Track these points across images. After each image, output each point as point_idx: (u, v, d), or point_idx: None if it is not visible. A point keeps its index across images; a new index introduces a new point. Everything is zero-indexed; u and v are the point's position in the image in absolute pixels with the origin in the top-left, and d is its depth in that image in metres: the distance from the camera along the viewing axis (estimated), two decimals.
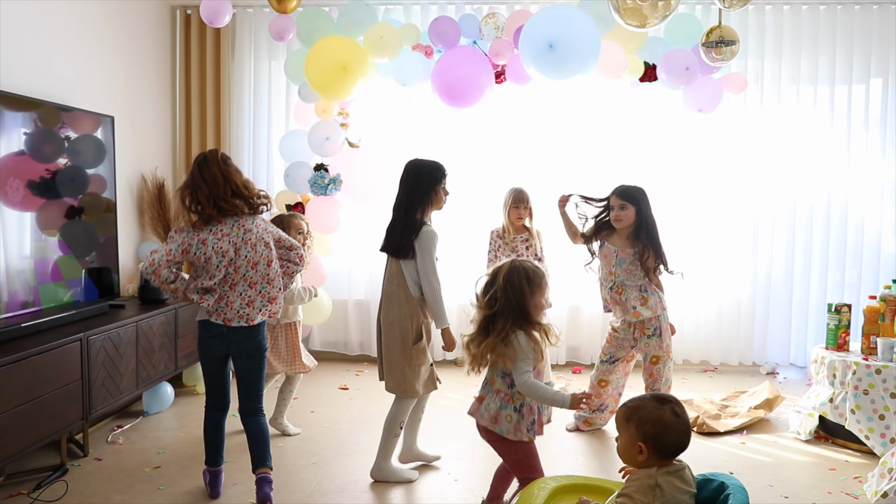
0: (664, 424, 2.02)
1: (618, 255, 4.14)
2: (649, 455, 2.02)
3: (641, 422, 2.03)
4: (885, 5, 5.64)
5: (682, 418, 2.05)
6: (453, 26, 5.16)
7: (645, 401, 2.09)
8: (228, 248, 3.17)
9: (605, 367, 4.29)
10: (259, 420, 3.40)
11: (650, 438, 2.01)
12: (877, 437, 3.86)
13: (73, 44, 4.57)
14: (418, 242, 3.54)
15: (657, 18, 3.30)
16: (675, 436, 2.02)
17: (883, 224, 5.78)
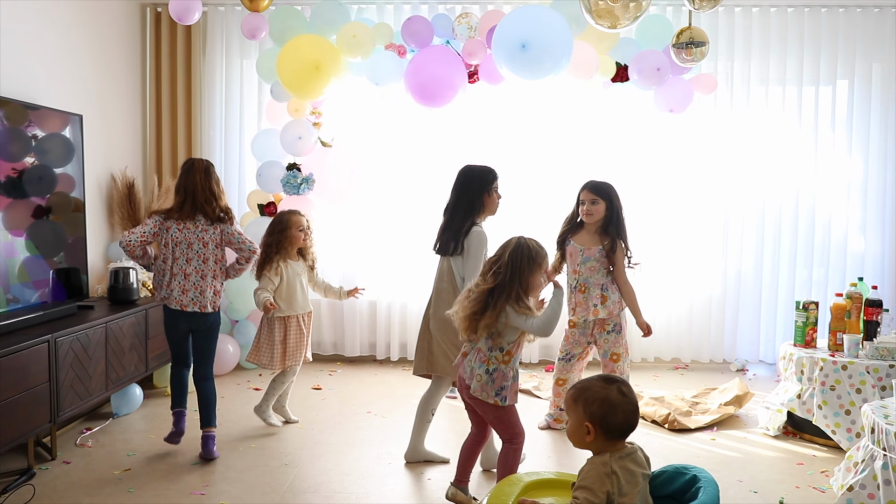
0: (611, 404, 2.01)
1: (583, 254, 4.16)
2: (597, 435, 2.01)
3: (588, 402, 2.03)
4: (850, 9, 5.74)
5: (629, 397, 2.04)
6: (426, 26, 5.16)
7: (592, 381, 2.08)
8: (182, 241, 3.79)
9: (562, 365, 4.30)
10: (207, 385, 3.92)
11: (597, 418, 2.00)
12: (843, 431, 3.92)
13: (40, 41, 4.50)
14: (467, 241, 3.64)
15: (628, 19, 3.34)
16: (623, 415, 2.01)
17: (849, 223, 5.89)
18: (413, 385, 5.32)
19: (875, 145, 5.82)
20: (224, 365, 5.45)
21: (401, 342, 6.03)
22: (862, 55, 5.78)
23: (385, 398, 4.96)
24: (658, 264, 5.89)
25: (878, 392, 3.87)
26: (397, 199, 5.95)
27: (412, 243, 5.85)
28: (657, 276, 5.90)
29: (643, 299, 5.87)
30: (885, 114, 5.80)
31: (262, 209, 5.40)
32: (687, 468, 2.13)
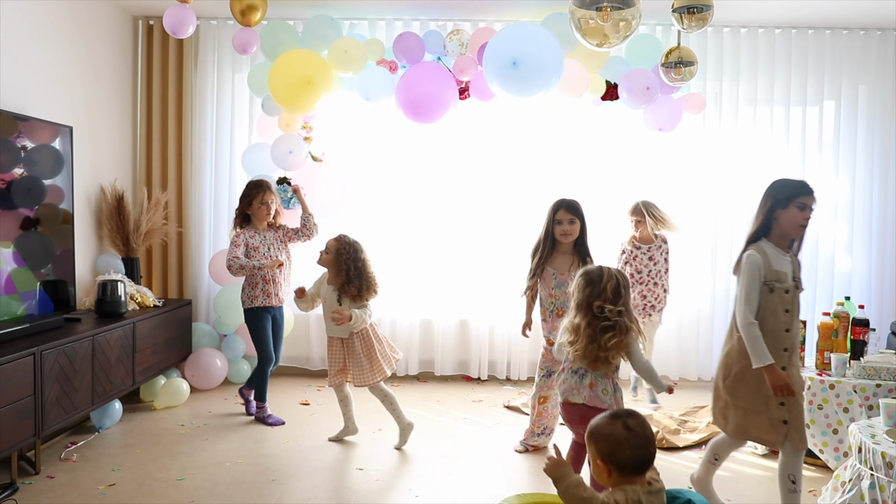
0: (616, 440, 1.99)
1: (556, 278, 4.05)
2: (611, 472, 2.00)
3: (597, 441, 2.02)
4: (836, 31, 5.82)
5: (636, 431, 2.00)
6: (418, 42, 5.19)
7: (598, 419, 2.07)
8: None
9: (543, 382, 4.21)
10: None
11: (607, 456, 1.99)
12: (830, 451, 3.93)
13: (31, 53, 4.49)
14: (741, 265, 3.31)
15: (618, 38, 3.35)
16: (630, 449, 1.98)
17: (836, 243, 5.93)
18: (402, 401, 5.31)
19: (861, 166, 5.88)
20: (213, 380, 5.42)
21: None
22: (848, 76, 5.85)
23: (373, 413, 4.94)
24: None
25: (865, 411, 3.89)
26: (387, 215, 5.95)
27: (402, 258, 5.86)
28: None
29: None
30: (870, 135, 5.86)
31: None
32: (680, 492, 2.11)
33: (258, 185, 4.74)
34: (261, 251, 4.72)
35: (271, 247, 4.78)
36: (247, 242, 4.68)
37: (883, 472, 2.94)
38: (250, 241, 4.69)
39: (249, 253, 4.67)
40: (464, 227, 5.90)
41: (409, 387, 5.77)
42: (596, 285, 3.08)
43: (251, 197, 4.72)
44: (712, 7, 3.88)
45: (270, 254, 4.74)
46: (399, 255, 5.88)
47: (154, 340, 4.90)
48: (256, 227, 4.78)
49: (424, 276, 5.93)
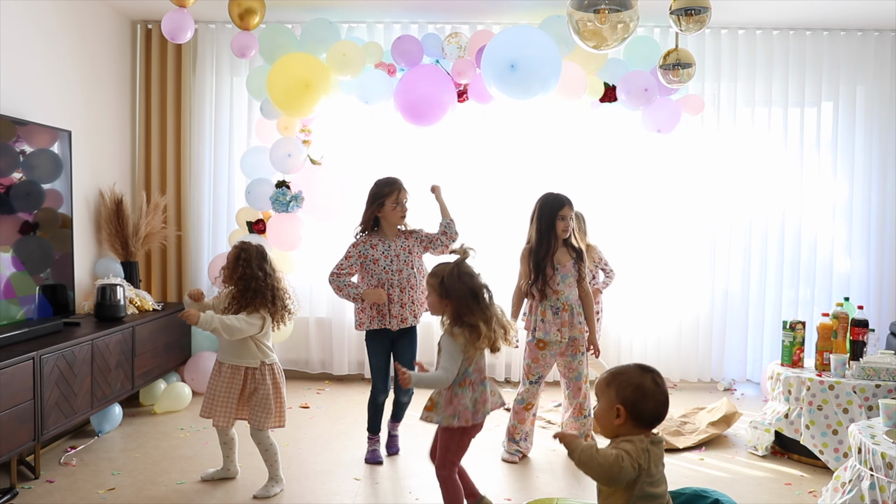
0: (644, 391, 2.04)
1: (560, 271, 4.06)
2: (626, 420, 2.04)
3: (622, 386, 2.06)
4: (834, 32, 5.83)
5: (662, 388, 2.08)
6: (416, 45, 5.20)
7: (628, 367, 2.12)
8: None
9: (534, 389, 4.15)
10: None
11: (629, 403, 2.04)
12: (830, 451, 3.94)
13: (29, 58, 4.50)
14: None
15: (616, 40, 3.36)
16: (654, 404, 2.05)
17: (835, 243, 5.94)
18: None
19: (859, 166, 5.89)
20: None
21: None
22: (846, 78, 5.86)
23: None
24: (646, 284, 5.92)
25: (864, 412, 3.89)
26: None
27: None
28: (646, 296, 5.93)
29: (632, 319, 5.95)
30: (868, 135, 5.87)
31: (250, 226, 5.39)
32: (707, 492, 2.13)
33: (391, 184, 4.04)
34: (381, 265, 3.97)
35: (396, 259, 3.98)
36: (364, 254, 3.99)
37: (883, 472, 2.94)
38: (370, 252, 3.98)
39: (368, 266, 3.98)
40: (463, 229, 5.88)
41: None
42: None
43: (383, 197, 4.01)
44: (710, 9, 3.88)
45: (393, 267, 3.96)
46: None
47: (153, 344, 4.90)
48: (385, 234, 4.05)
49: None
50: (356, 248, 4.01)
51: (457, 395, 2.98)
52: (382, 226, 4.06)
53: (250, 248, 3.62)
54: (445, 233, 4.12)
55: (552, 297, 4.06)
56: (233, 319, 3.49)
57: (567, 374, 4.16)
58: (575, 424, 4.20)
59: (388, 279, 3.95)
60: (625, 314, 5.95)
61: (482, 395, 3.04)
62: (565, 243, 4.12)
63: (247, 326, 3.53)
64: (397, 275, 3.95)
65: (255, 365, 3.63)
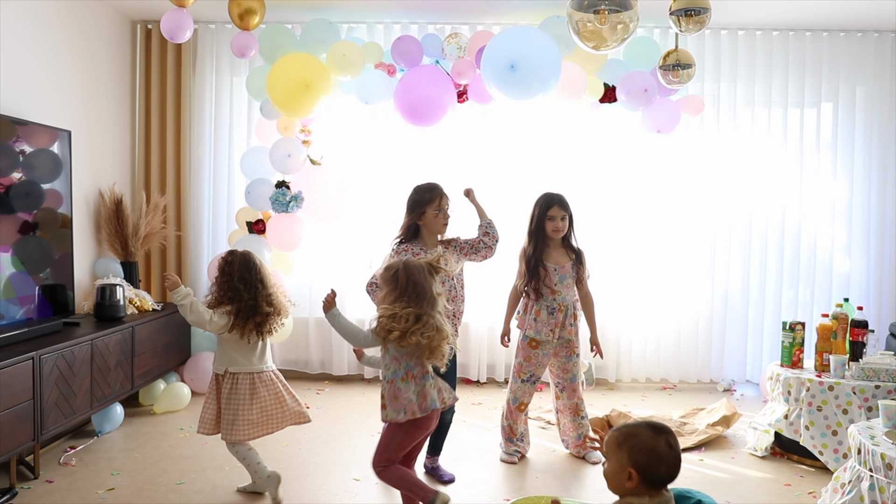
0: (657, 455, 1.99)
1: (558, 272, 4.06)
2: (638, 483, 2.00)
3: (634, 449, 2.01)
4: (834, 33, 5.83)
5: (675, 450, 2.03)
6: (416, 45, 5.20)
7: (640, 428, 2.06)
8: None
9: (527, 388, 4.13)
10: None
11: (642, 467, 1.99)
12: (830, 452, 3.94)
13: (30, 57, 4.50)
14: None
15: (616, 41, 3.35)
16: (667, 467, 2.00)
17: (834, 244, 5.94)
18: None
19: (859, 167, 5.89)
20: None
21: None
22: (846, 78, 5.86)
23: (372, 417, 4.93)
24: (646, 285, 5.92)
25: (864, 413, 3.89)
26: (386, 218, 5.94)
27: None
28: (645, 296, 5.93)
29: (632, 320, 5.95)
30: (868, 136, 5.87)
31: (250, 226, 5.39)
32: (690, 493, 2.12)
33: (432, 190, 3.80)
34: None
35: None
36: None
37: (882, 473, 2.94)
38: None
39: None
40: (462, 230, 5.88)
41: None
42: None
43: (424, 204, 3.76)
44: (710, 10, 3.88)
45: None
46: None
47: (153, 344, 4.90)
48: (425, 243, 3.80)
49: None
50: (398, 258, 3.65)
51: (400, 389, 3.01)
52: (423, 234, 3.81)
53: (234, 258, 3.52)
54: (487, 233, 3.87)
55: (549, 297, 4.06)
56: (200, 305, 3.45)
57: (561, 376, 4.16)
58: (572, 426, 4.20)
59: None
60: (624, 315, 5.95)
61: (424, 389, 3.06)
62: (564, 244, 4.12)
63: (206, 316, 3.41)
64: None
65: (220, 371, 3.55)
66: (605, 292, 5.74)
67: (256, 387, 3.51)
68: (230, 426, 3.46)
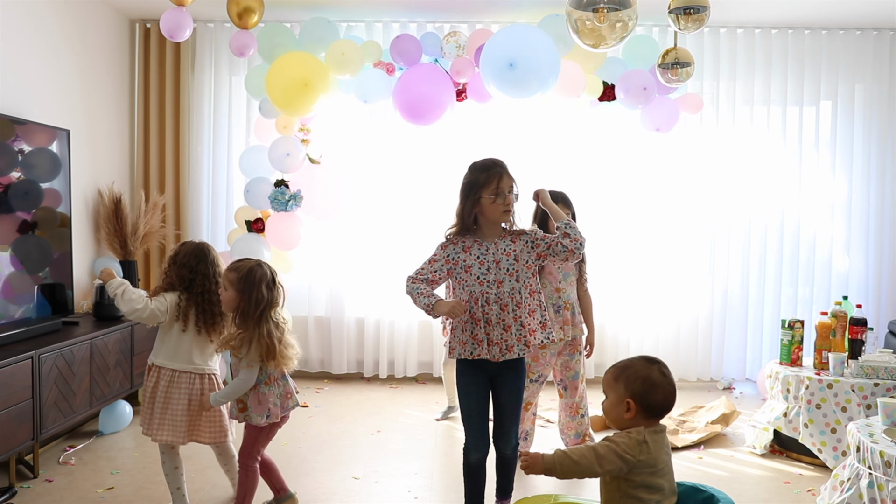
0: (652, 382, 2.10)
1: (561, 270, 4.04)
2: (636, 412, 2.09)
3: (630, 379, 2.11)
4: (833, 31, 5.83)
5: (669, 378, 2.13)
6: (415, 44, 5.19)
7: (634, 360, 2.18)
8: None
9: (534, 388, 4.09)
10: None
11: (638, 395, 2.09)
12: (829, 450, 3.94)
13: (28, 57, 4.49)
14: None
15: (615, 39, 3.36)
16: (662, 395, 2.10)
17: (833, 242, 5.94)
18: (400, 402, 5.32)
19: (858, 165, 5.89)
20: None
21: (388, 360, 6.01)
22: (845, 76, 5.86)
23: (372, 416, 4.94)
24: (645, 283, 5.92)
25: (863, 410, 3.89)
26: (385, 217, 5.95)
27: (400, 260, 5.85)
28: (645, 295, 5.93)
29: (631, 318, 5.96)
30: (867, 134, 5.87)
31: (249, 225, 5.39)
32: (704, 487, 2.17)
33: (489, 168, 3.04)
34: (475, 273, 2.96)
35: (495, 267, 2.96)
36: (453, 259, 3.01)
37: (881, 470, 2.95)
38: (461, 256, 3.00)
39: (458, 275, 3.00)
40: None
41: (408, 388, 5.77)
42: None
43: (479, 187, 3.00)
44: (709, 8, 3.88)
45: (490, 278, 2.94)
46: (397, 257, 5.87)
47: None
48: (483, 234, 3.05)
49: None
50: (444, 251, 3.05)
51: (264, 394, 3.08)
52: (481, 224, 3.06)
53: (183, 247, 3.34)
54: (567, 234, 2.98)
55: (553, 296, 4.06)
56: (134, 292, 3.22)
57: (564, 373, 4.15)
58: (571, 424, 4.20)
59: (484, 293, 2.95)
60: (624, 313, 5.95)
61: (285, 389, 3.16)
62: None
63: (137, 300, 3.19)
64: (495, 287, 2.96)
65: (149, 363, 3.37)
66: (605, 291, 5.74)
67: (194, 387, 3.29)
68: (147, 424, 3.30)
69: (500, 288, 2.95)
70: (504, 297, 2.95)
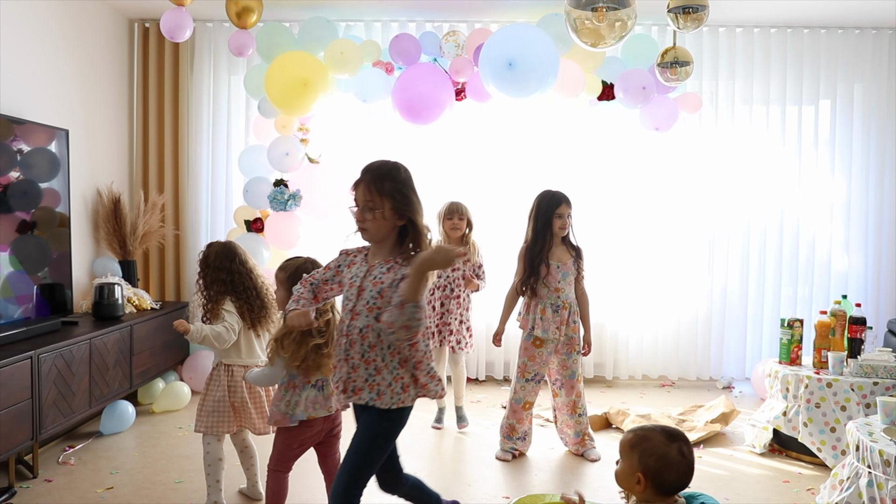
0: (668, 462, 1.99)
1: (561, 269, 4.06)
2: (646, 487, 2.00)
3: (646, 453, 2.00)
4: (832, 30, 5.83)
5: (688, 459, 2.01)
6: (414, 43, 5.19)
7: (655, 433, 2.05)
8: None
9: (531, 387, 4.12)
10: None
11: (651, 472, 1.99)
12: (828, 449, 3.94)
13: (26, 57, 4.49)
14: None
15: (614, 38, 3.36)
16: (677, 476, 1.99)
17: (833, 241, 5.95)
18: None
19: (857, 164, 5.89)
20: None
21: None
22: (844, 76, 5.86)
23: None
24: (644, 282, 5.92)
25: (862, 409, 3.89)
26: None
27: None
28: (644, 294, 5.93)
29: (630, 317, 5.96)
30: (866, 134, 5.87)
31: (248, 225, 5.39)
32: (695, 495, 2.12)
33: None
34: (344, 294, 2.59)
35: (355, 295, 2.51)
36: (341, 271, 2.65)
37: (881, 469, 2.95)
38: (343, 270, 2.65)
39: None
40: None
41: None
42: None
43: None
44: (708, 7, 3.89)
45: (349, 305, 2.50)
46: None
47: (151, 343, 4.89)
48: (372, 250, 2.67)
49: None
50: (336, 259, 2.74)
51: (300, 393, 3.04)
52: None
53: (211, 249, 3.38)
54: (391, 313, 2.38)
55: (553, 296, 4.06)
56: (209, 328, 3.25)
57: (561, 373, 4.15)
58: (570, 423, 4.20)
59: (342, 320, 2.55)
60: (623, 312, 5.96)
61: (322, 392, 3.10)
62: (564, 242, 4.12)
63: (225, 334, 3.26)
64: (349, 318, 2.49)
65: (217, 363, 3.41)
66: (604, 289, 5.74)
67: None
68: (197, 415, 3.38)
69: (353, 322, 2.44)
70: (353, 334, 2.44)
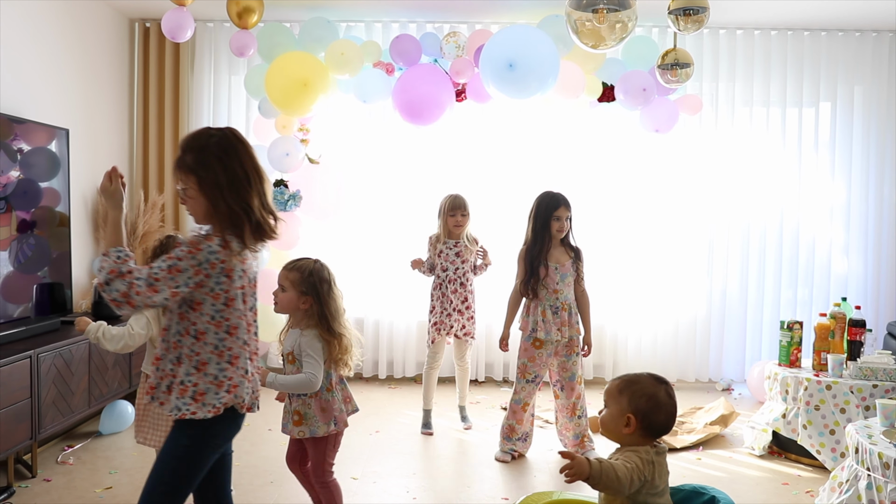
0: (657, 402, 2.05)
1: (559, 271, 4.07)
2: (635, 429, 2.04)
3: (636, 395, 2.05)
4: (832, 33, 5.83)
5: (674, 401, 2.09)
6: (414, 44, 5.19)
7: (642, 376, 2.12)
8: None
9: (530, 388, 4.13)
10: None
11: (641, 412, 2.03)
12: (828, 451, 3.94)
13: (27, 56, 4.49)
14: None
15: (614, 40, 3.36)
16: (665, 416, 2.05)
17: (832, 243, 5.94)
18: (399, 403, 5.32)
19: (857, 167, 5.89)
20: None
21: (388, 360, 6.00)
22: (844, 78, 5.86)
23: (371, 416, 4.93)
24: (644, 284, 5.92)
25: (861, 412, 3.90)
26: (384, 217, 5.95)
27: (399, 260, 5.84)
28: (643, 295, 5.93)
29: (630, 318, 5.95)
30: (866, 136, 5.87)
31: None
32: (705, 489, 2.15)
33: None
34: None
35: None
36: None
37: (880, 472, 2.95)
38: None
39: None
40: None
41: (407, 389, 5.77)
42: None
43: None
44: (708, 9, 3.89)
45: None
46: (396, 257, 5.86)
47: None
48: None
49: (421, 277, 5.91)
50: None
51: (328, 400, 2.94)
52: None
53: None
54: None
55: (551, 297, 4.06)
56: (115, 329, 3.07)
57: (561, 374, 4.15)
58: (569, 425, 4.20)
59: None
60: (623, 313, 5.95)
61: (344, 393, 3.06)
62: (563, 243, 4.12)
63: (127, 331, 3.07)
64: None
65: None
66: (604, 291, 5.74)
67: None
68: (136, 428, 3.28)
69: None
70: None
